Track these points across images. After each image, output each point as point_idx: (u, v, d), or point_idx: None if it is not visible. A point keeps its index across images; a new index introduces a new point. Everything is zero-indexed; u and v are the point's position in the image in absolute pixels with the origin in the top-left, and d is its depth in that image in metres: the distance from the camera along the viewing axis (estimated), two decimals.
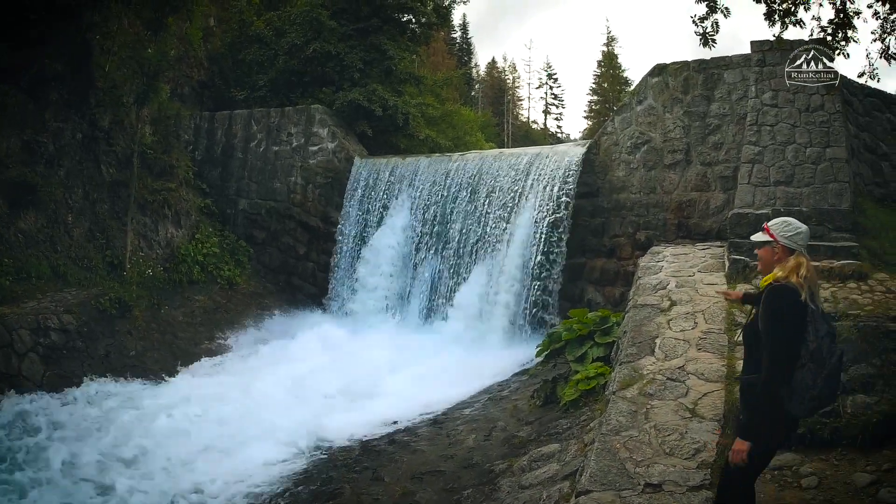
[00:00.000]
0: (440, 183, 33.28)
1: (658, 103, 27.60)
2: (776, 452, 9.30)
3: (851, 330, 14.63)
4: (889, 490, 11.15)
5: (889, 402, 13.23)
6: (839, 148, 22.72)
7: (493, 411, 20.76)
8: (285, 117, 39.29)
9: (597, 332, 20.19)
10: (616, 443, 12.04)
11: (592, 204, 28.58)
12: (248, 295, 35.80)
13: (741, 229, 21.69)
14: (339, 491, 16.45)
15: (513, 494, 14.04)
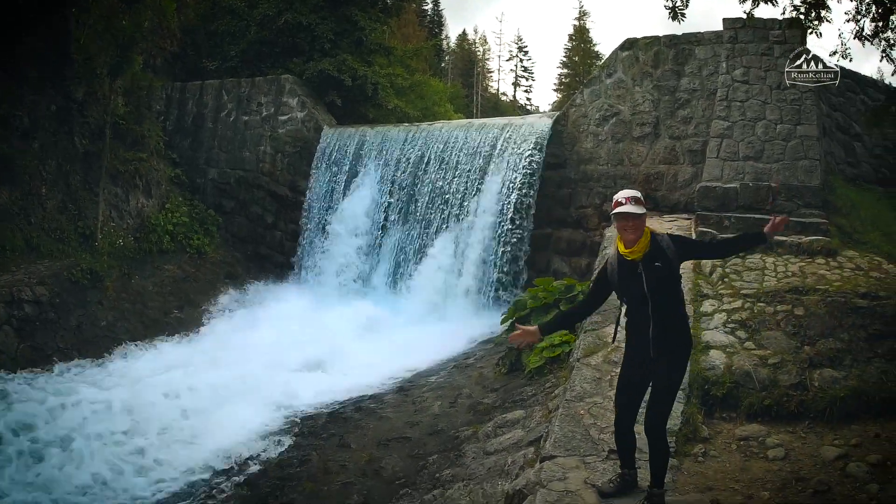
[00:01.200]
0: (408, 152, 33.18)
1: (628, 77, 27.66)
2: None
3: (819, 304, 15.27)
4: (858, 464, 11.12)
5: (857, 378, 13.51)
6: (810, 126, 22.58)
7: (458, 379, 20.80)
8: (256, 87, 39.19)
9: (562, 301, 20.13)
10: (580, 409, 12.28)
11: (560, 175, 28.74)
12: (217, 264, 35.54)
13: (709, 202, 22.20)
14: (307, 458, 16.68)
15: (478, 460, 14.20)
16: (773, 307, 15.81)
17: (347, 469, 15.83)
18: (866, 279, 16.97)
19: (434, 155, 31.99)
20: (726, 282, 17.67)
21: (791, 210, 20.98)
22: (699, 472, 11.13)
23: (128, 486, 16.91)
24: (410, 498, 13.83)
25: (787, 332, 15.02)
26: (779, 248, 19.36)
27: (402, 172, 32.86)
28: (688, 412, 12.54)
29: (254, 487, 16.03)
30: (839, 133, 26.62)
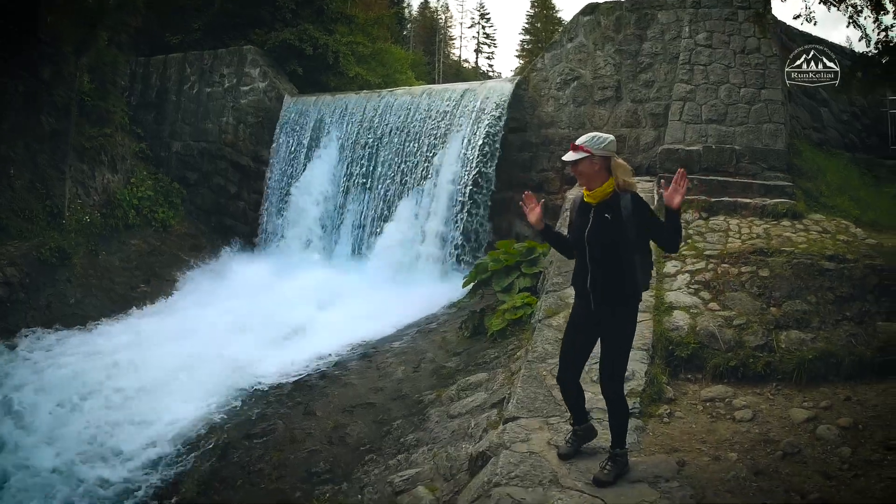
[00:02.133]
0: (368, 119, 32.76)
1: (589, 41, 27.36)
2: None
3: (785, 266, 15.24)
4: (828, 427, 10.98)
5: (825, 340, 13.50)
6: (775, 90, 22.43)
7: (422, 344, 20.56)
8: (218, 59, 38.89)
9: (523, 263, 20.04)
10: (542, 370, 12.25)
11: (521, 139, 28.34)
12: (182, 236, 35.32)
13: (671, 164, 21.72)
14: (273, 427, 16.50)
15: (442, 424, 14.12)
16: (737, 268, 15.71)
17: (313, 437, 15.64)
18: (833, 242, 16.91)
19: (395, 121, 31.60)
20: (689, 243, 17.54)
21: (755, 173, 21.16)
22: (665, 433, 10.99)
23: (88, 467, 16.73)
24: (376, 463, 13.71)
25: (753, 293, 14.94)
26: (743, 211, 19.38)
27: (363, 139, 32.48)
28: (652, 373, 12.41)
29: (221, 458, 15.81)
30: (805, 98, 26.55)
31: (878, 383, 12.67)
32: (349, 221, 32.08)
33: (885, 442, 10.44)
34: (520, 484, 9.02)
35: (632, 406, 10.79)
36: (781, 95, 22.41)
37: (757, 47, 23.11)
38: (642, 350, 12.88)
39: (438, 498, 10.87)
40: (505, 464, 9.47)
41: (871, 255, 15.47)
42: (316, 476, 14.07)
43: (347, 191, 32.37)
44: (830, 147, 26.55)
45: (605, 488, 8.87)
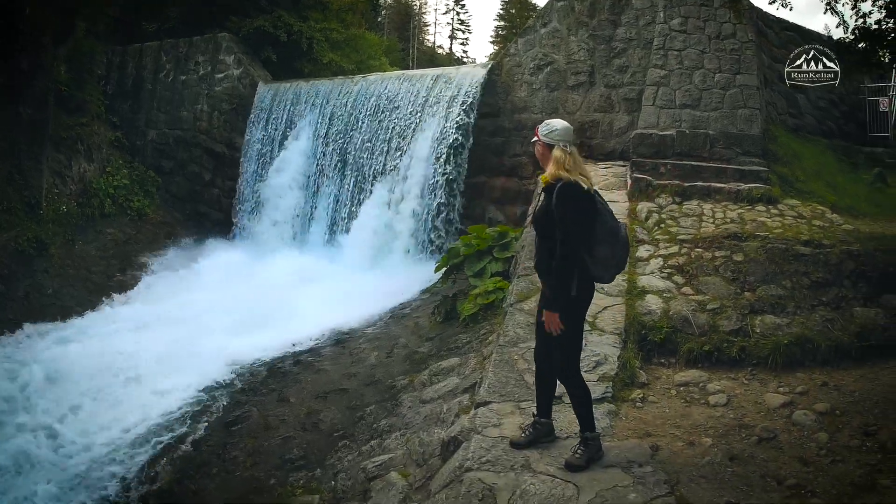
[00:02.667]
0: (342, 105, 32.58)
1: (563, 26, 26.97)
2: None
3: (759, 251, 15.16)
4: (805, 413, 10.90)
5: (801, 325, 13.43)
6: (750, 75, 22.21)
7: (395, 329, 20.61)
8: (193, 47, 38.53)
9: (495, 248, 19.95)
10: (514, 354, 12.24)
11: (494, 124, 28.03)
12: (157, 225, 35.14)
13: (644, 149, 21.72)
14: (248, 414, 16.50)
15: (414, 409, 14.08)
16: (711, 253, 15.65)
17: (287, 423, 15.69)
18: (809, 227, 16.93)
19: (368, 107, 31.24)
20: (662, 227, 17.58)
21: (730, 158, 21.00)
22: (638, 418, 10.91)
23: (62, 453, 16.70)
24: (349, 449, 13.67)
25: (726, 277, 14.89)
26: (717, 195, 19.40)
27: (337, 125, 32.08)
28: (624, 357, 12.34)
29: (197, 446, 15.79)
30: (782, 85, 26.22)
31: (856, 369, 12.55)
32: (323, 207, 31.97)
33: (864, 428, 10.28)
34: (491, 469, 8.98)
35: (604, 391, 11.05)
36: (757, 81, 22.19)
37: (732, 33, 22.79)
38: (614, 334, 12.93)
39: (411, 483, 10.75)
40: (476, 449, 9.42)
41: (847, 241, 15.29)
42: (290, 463, 14.05)
43: (321, 177, 32.26)
44: (807, 133, 26.58)
45: (577, 473, 8.82)
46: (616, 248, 8.95)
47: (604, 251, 8.86)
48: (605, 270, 8.97)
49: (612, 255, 8.95)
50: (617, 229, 8.96)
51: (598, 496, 8.37)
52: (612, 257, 8.96)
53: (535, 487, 8.51)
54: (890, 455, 9.50)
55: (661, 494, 8.48)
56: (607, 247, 8.88)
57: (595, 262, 8.83)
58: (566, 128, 9.12)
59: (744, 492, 8.78)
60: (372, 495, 11.00)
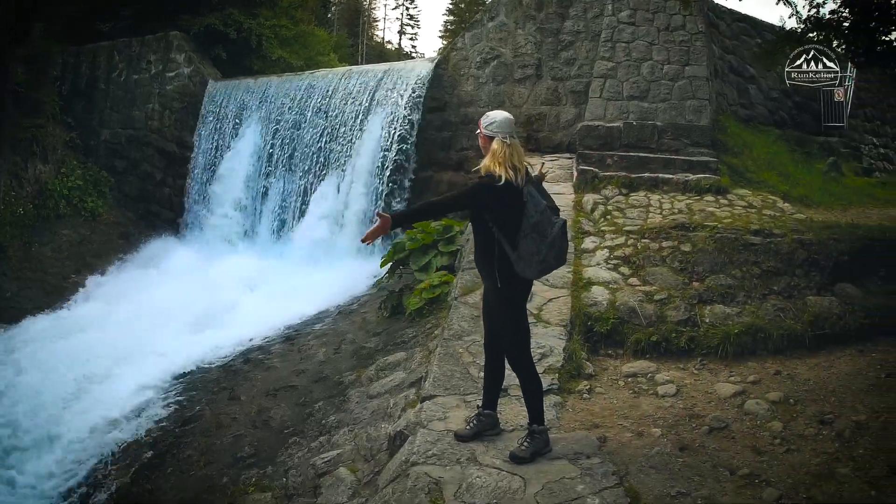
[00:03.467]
0: (290, 102, 32.33)
1: (510, 20, 26.84)
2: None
3: (707, 241, 15.10)
4: (757, 402, 10.83)
5: (752, 314, 13.39)
6: (699, 66, 22.31)
7: (342, 325, 20.42)
8: (146, 46, 37.93)
9: (441, 242, 19.75)
10: (459, 348, 12.10)
11: (440, 118, 27.87)
12: (111, 225, 34.88)
13: (590, 141, 21.69)
14: (200, 413, 16.39)
15: (361, 404, 13.87)
16: (658, 243, 15.60)
17: (238, 421, 15.41)
18: (759, 217, 16.95)
19: (315, 103, 31.15)
20: (608, 219, 17.56)
21: (678, 149, 21.04)
22: (585, 409, 10.79)
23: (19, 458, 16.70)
24: (299, 446, 13.43)
25: (674, 268, 14.86)
26: (664, 186, 19.49)
27: (284, 122, 31.91)
28: (570, 348, 12.20)
29: (152, 447, 15.54)
30: (732, 75, 26.66)
31: (810, 357, 12.51)
32: (271, 204, 31.86)
33: (820, 416, 10.20)
34: (437, 462, 8.81)
35: (550, 383, 10.88)
36: (706, 72, 22.27)
37: (682, 24, 22.83)
38: (560, 326, 12.79)
39: (359, 479, 10.61)
40: (422, 443, 9.26)
41: (799, 230, 15.28)
42: (242, 461, 13.85)
43: (269, 173, 32.12)
44: (759, 123, 26.77)
45: (523, 465, 8.65)
46: (542, 245, 8.74)
47: (528, 246, 8.70)
48: (528, 266, 8.77)
49: (538, 251, 8.75)
50: (547, 225, 8.78)
51: (546, 488, 8.19)
52: (537, 253, 8.75)
53: (481, 480, 8.33)
54: (848, 443, 9.35)
55: (610, 486, 8.30)
56: (532, 242, 8.71)
57: (519, 256, 8.69)
58: (506, 119, 9.04)
59: (695, 482, 8.63)
60: (322, 491, 10.86)
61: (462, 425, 9.47)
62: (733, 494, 8.38)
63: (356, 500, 10.00)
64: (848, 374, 11.64)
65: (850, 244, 14.51)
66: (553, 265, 8.99)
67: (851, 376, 11.55)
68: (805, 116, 29.12)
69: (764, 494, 8.28)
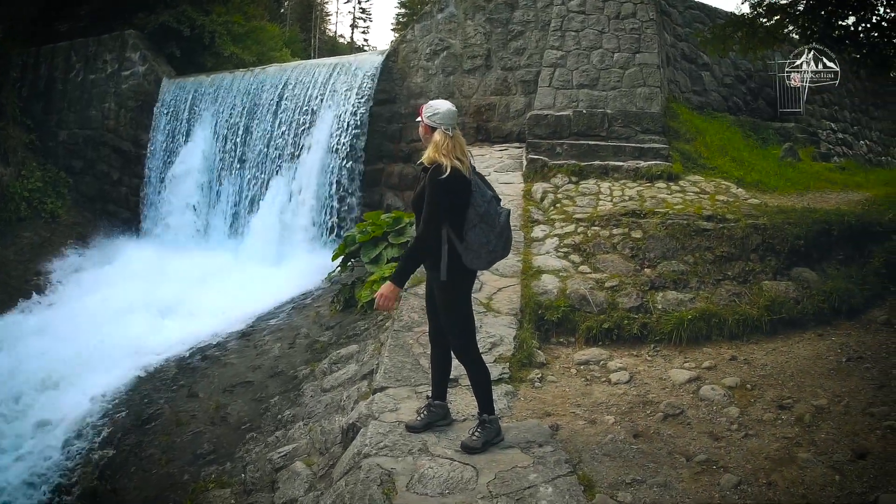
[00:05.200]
0: (242, 98, 32.26)
1: (459, 11, 26.91)
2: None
3: (659, 227, 15.12)
4: (713, 387, 10.78)
5: (706, 300, 13.42)
6: (650, 54, 22.22)
7: (296, 319, 20.45)
8: (102, 45, 37.74)
9: (391, 233, 19.64)
10: (409, 339, 12.08)
11: (390, 110, 27.88)
12: (69, 226, 34.83)
13: (540, 130, 21.53)
14: (160, 412, 16.41)
15: (316, 398, 13.89)
16: (608, 230, 15.59)
17: (197, 418, 15.48)
18: (712, 202, 16.92)
19: (267, 98, 31.17)
20: (558, 207, 17.49)
21: (629, 136, 20.91)
22: (537, 398, 10.67)
23: None
24: (256, 441, 13.49)
25: (625, 255, 14.85)
26: (615, 174, 19.43)
27: (237, 118, 31.78)
28: (521, 337, 12.13)
29: (114, 446, 15.58)
30: (685, 63, 27.07)
31: (767, 342, 12.49)
32: (225, 200, 31.86)
33: (778, 401, 10.18)
34: (389, 454, 8.71)
35: (501, 372, 10.90)
36: (657, 59, 22.19)
37: (633, 12, 22.69)
38: (510, 315, 12.79)
39: (315, 472, 10.56)
40: (374, 434, 9.16)
41: (753, 215, 15.33)
42: (202, 458, 13.86)
43: (223, 170, 32.09)
44: (713, 110, 26.84)
45: (475, 455, 8.59)
46: (491, 235, 8.68)
47: (477, 236, 8.61)
48: (477, 257, 8.68)
49: (487, 242, 8.68)
50: (494, 215, 8.71)
51: (498, 477, 8.10)
52: (486, 244, 8.68)
53: (433, 471, 8.23)
54: (808, 428, 9.34)
55: (563, 474, 8.21)
56: (481, 232, 8.63)
57: (467, 248, 8.60)
58: (449, 110, 8.92)
59: (650, 469, 8.56)
60: (279, 486, 10.86)
61: (413, 416, 9.37)
62: (690, 481, 8.30)
63: (312, 493, 9.91)
64: (807, 359, 11.58)
65: (807, 228, 14.45)
66: (500, 255, 8.88)
67: (811, 360, 11.50)
68: (760, 102, 29.28)
69: (722, 480, 8.22)
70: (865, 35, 16.98)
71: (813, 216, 15.06)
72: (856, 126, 33.61)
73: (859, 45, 16.84)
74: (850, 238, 14.43)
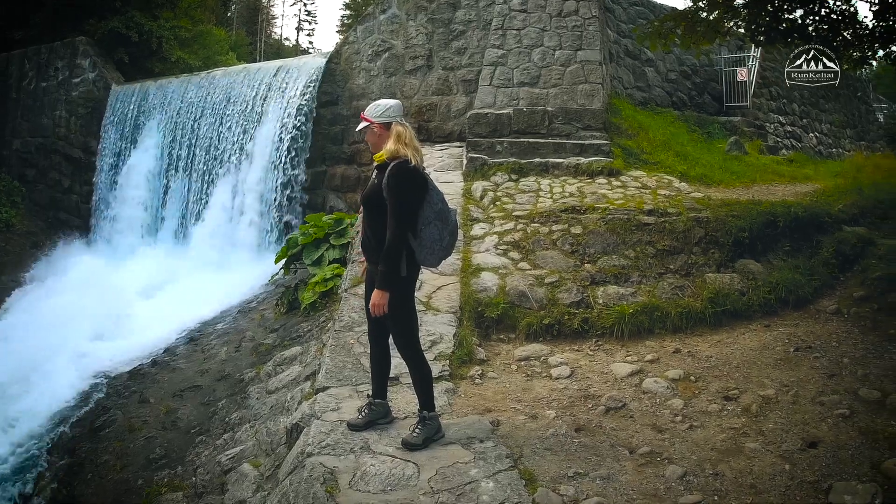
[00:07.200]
0: (188, 103, 32.21)
1: (402, 12, 26.86)
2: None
3: (599, 223, 15.22)
4: (656, 380, 10.75)
5: (648, 293, 13.46)
6: (592, 51, 22.13)
7: (242, 323, 20.51)
8: (54, 52, 37.94)
9: (332, 235, 19.78)
10: (350, 339, 12.02)
11: (332, 112, 27.96)
12: (23, 235, 35.08)
13: (480, 128, 21.52)
14: (113, 418, 16.27)
15: (261, 400, 13.94)
16: (548, 227, 15.60)
17: (149, 424, 15.35)
18: (654, 197, 16.91)
19: (211, 102, 31.09)
20: (498, 205, 17.47)
21: (569, 133, 20.91)
22: (478, 394, 10.63)
23: None
24: (206, 444, 13.50)
25: (565, 251, 14.84)
26: (555, 171, 19.37)
27: (183, 123, 31.82)
28: (461, 335, 12.11)
29: (71, 454, 15.59)
30: (629, 59, 27.22)
31: (712, 334, 12.54)
32: (172, 206, 31.70)
33: (724, 392, 10.16)
34: (332, 452, 8.66)
35: (441, 369, 10.86)
36: (599, 56, 22.13)
37: (575, 10, 22.64)
38: (450, 313, 12.80)
39: (262, 473, 10.59)
40: (317, 433, 9.12)
41: (696, 208, 15.45)
42: (154, 462, 13.79)
43: (170, 175, 31.94)
44: (657, 106, 27.07)
45: (416, 451, 8.54)
46: (444, 232, 8.71)
47: (432, 233, 8.62)
48: (430, 254, 8.67)
49: (440, 239, 8.70)
50: (447, 213, 8.74)
51: (439, 473, 8.05)
52: (439, 240, 8.70)
53: (375, 468, 8.20)
54: (756, 418, 9.31)
55: (504, 468, 8.16)
56: (435, 229, 8.65)
57: (421, 244, 8.58)
58: (398, 103, 8.91)
59: (593, 462, 8.50)
60: (228, 487, 10.88)
61: (355, 415, 9.28)
62: (634, 473, 8.22)
63: (260, 493, 9.95)
64: (753, 350, 11.61)
65: (752, 221, 14.55)
66: (449, 253, 8.86)
67: (757, 351, 11.53)
68: (706, 97, 29.49)
69: (667, 472, 8.15)
70: (815, 28, 16.88)
71: (758, 208, 15.12)
72: (805, 119, 33.80)
73: (808, 37, 16.72)
74: (797, 229, 14.56)
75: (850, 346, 11.32)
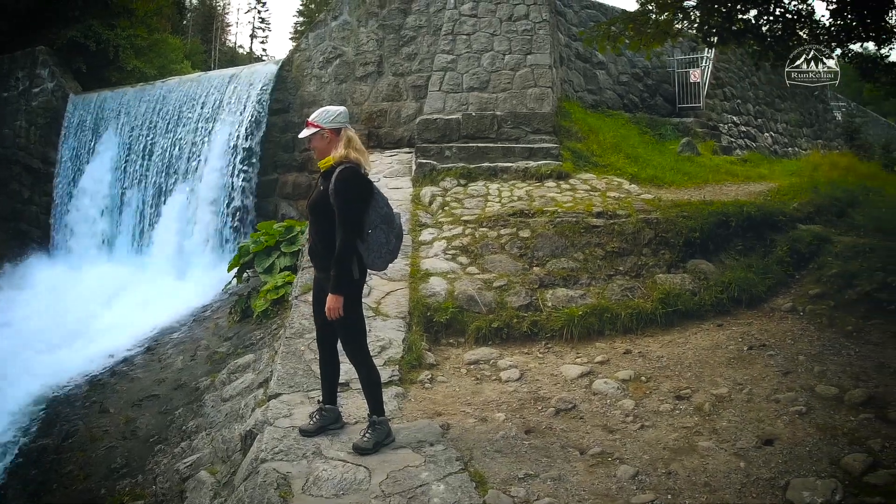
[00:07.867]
0: (143, 112, 31.84)
1: (353, 18, 26.77)
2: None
3: (547, 226, 15.28)
4: (605, 381, 10.82)
5: (597, 295, 13.52)
6: (542, 55, 22.25)
7: (197, 332, 20.45)
8: (14, 62, 37.73)
9: (283, 242, 19.77)
10: (301, 345, 12.08)
11: (284, 120, 27.72)
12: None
13: (429, 134, 21.54)
14: (75, 429, 16.29)
15: (216, 408, 13.89)
16: (496, 231, 15.70)
17: (109, 433, 15.28)
18: (603, 199, 16.97)
19: (165, 111, 30.83)
20: (446, 210, 17.55)
21: (518, 137, 21.03)
22: (427, 398, 10.64)
23: None
24: (164, 453, 13.35)
25: (513, 254, 14.90)
26: (504, 175, 19.42)
27: (138, 132, 31.46)
28: (410, 339, 12.22)
29: (35, 465, 15.57)
30: (579, 62, 27.22)
31: (663, 334, 12.60)
32: (129, 215, 31.48)
33: (675, 392, 10.22)
34: (284, 458, 8.72)
35: (391, 374, 10.96)
36: (549, 59, 22.19)
37: (525, 14, 22.83)
38: (399, 318, 12.87)
39: (219, 480, 10.50)
40: (269, 440, 9.17)
41: (646, 210, 15.59)
42: (116, 472, 13.70)
43: (126, 185, 31.76)
44: (608, 108, 27.08)
45: (367, 456, 8.59)
46: (391, 236, 8.82)
47: (378, 237, 8.72)
48: (378, 257, 8.76)
49: (387, 242, 8.82)
50: (392, 216, 8.84)
51: (390, 477, 8.12)
52: (385, 244, 8.81)
53: (327, 473, 8.27)
54: (708, 417, 9.37)
55: (454, 471, 8.24)
56: (381, 234, 8.75)
57: (368, 248, 8.65)
58: (345, 109, 9.03)
59: (543, 463, 8.54)
60: (187, 495, 10.83)
61: (306, 421, 9.29)
62: (585, 474, 8.26)
63: (217, 500, 9.90)
64: (705, 349, 11.67)
65: (703, 221, 14.73)
66: (395, 257, 8.94)
67: (709, 351, 11.59)
68: (658, 99, 29.53)
69: (618, 472, 8.19)
70: (769, 28, 16.86)
71: (710, 208, 15.31)
72: (760, 118, 33.87)
73: (762, 37, 16.69)
74: (750, 228, 14.77)
75: (805, 344, 11.37)
